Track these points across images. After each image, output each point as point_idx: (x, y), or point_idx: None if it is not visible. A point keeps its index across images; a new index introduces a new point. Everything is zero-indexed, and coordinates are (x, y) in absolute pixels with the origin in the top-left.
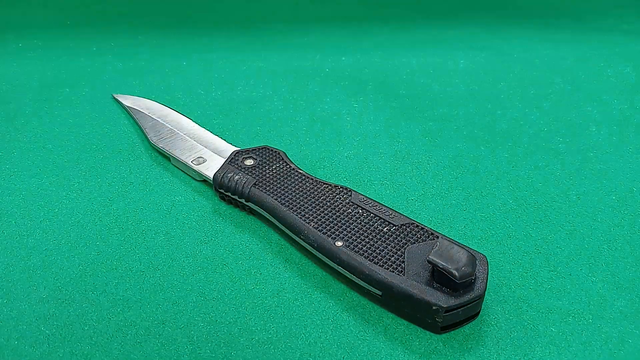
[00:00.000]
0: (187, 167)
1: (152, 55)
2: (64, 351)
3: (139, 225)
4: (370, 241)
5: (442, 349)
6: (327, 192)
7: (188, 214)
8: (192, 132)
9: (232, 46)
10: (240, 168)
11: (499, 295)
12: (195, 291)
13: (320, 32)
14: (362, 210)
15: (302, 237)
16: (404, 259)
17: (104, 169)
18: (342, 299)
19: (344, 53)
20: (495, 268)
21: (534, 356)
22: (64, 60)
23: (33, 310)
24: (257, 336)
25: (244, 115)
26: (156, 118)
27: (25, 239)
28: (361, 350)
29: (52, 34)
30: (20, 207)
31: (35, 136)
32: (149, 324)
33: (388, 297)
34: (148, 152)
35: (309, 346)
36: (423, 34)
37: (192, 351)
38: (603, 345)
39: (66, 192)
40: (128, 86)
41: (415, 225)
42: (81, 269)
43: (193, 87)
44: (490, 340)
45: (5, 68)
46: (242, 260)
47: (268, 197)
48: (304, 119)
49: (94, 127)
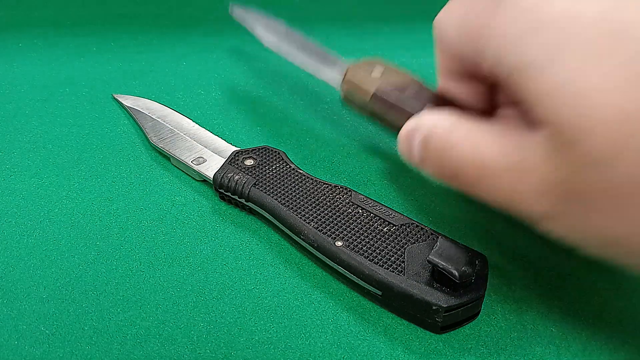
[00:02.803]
0: (187, 167)
1: (152, 55)
2: (64, 351)
3: (138, 225)
4: (370, 241)
5: (442, 349)
6: (327, 192)
7: (188, 214)
8: (192, 132)
9: (232, 46)
10: (240, 168)
11: (499, 295)
12: (195, 291)
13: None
14: (362, 210)
15: (302, 237)
16: (404, 259)
17: (104, 169)
18: (342, 299)
19: (344, 53)
20: (495, 268)
21: (534, 356)
22: (64, 60)
23: (33, 310)
24: (257, 336)
25: (244, 115)
26: (156, 118)
27: (25, 239)
28: (361, 350)
29: (52, 34)
30: (20, 207)
31: (35, 136)
32: (149, 324)
33: (388, 297)
34: (148, 152)
35: (309, 346)
36: (423, 34)
37: (192, 351)
38: (603, 345)
39: (66, 192)
40: (128, 86)
41: (415, 225)
42: (81, 269)
43: (193, 87)
44: (490, 340)
45: (5, 68)
46: (242, 260)
47: (268, 197)
48: (304, 119)
49: (94, 127)
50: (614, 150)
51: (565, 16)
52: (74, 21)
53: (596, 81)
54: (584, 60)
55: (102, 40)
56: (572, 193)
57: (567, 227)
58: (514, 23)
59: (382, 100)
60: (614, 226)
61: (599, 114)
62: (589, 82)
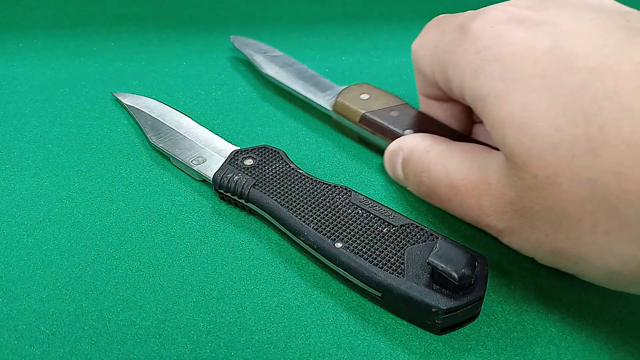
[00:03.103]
0: (187, 167)
1: (152, 55)
2: (64, 351)
3: (138, 225)
4: (370, 242)
5: (442, 349)
6: (327, 192)
7: (188, 214)
8: (192, 132)
9: (232, 46)
10: (240, 168)
11: (499, 295)
12: (195, 291)
13: (320, 32)
14: (362, 211)
15: (302, 238)
16: (403, 261)
17: (104, 169)
18: (342, 299)
19: (344, 53)
20: (495, 268)
21: (534, 356)
22: (64, 60)
23: (33, 310)
24: (257, 336)
25: (244, 115)
26: (155, 117)
27: (25, 239)
28: (361, 350)
29: (52, 34)
30: (20, 207)
31: (35, 136)
32: (149, 324)
33: (388, 298)
34: (148, 152)
35: (309, 346)
36: None
37: (192, 351)
38: (603, 345)
39: (66, 192)
40: (128, 86)
41: (415, 226)
42: (81, 269)
43: (193, 87)
44: (490, 340)
45: (5, 68)
46: (242, 260)
47: (268, 198)
48: (304, 118)
49: (94, 127)
50: (555, 173)
51: (519, 50)
52: (74, 21)
53: (541, 110)
54: (532, 91)
55: (102, 40)
56: (523, 211)
57: (522, 241)
58: (474, 55)
59: (370, 122)
60: (556, 240)
61: (542, 140)
62: (535, 111)
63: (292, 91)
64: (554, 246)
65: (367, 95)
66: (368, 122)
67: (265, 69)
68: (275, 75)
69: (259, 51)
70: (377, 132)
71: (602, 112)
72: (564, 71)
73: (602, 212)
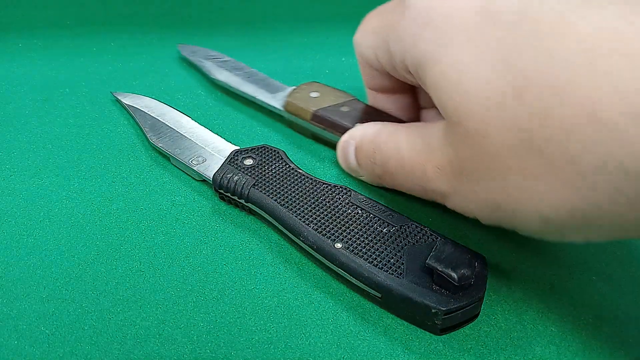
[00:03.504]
0: (187, 167)
1: (152, 55)
2: (64, 351)
3: (138, 225)
4: (370, 242)
5: (442, 349)
6: (327, 192)
7: (188, 214)
8: (192, 131)
9: (232, 46)
10: (240, 168)
11: (499, 296)
12: (195, 291)
13: (320, 32)
14: (362, 211)
15: (302, 238)
16: (403, 261)
17: (104, 169)
18: (342, 300)
19: (344, 53)
20: (495, 268)
21: (534, 356)
22: (64, 60)
23: (33, 310)
24: (257, 336)
25: (244, 115)
26: (155, 116)
27: (25, 239)
28: (361, 350)
29: (52, 34)
30: (20, 207)
31: (35, 136)
32: (149, 324)
33: (387, 299)
34: (148, 152)
35: (309, 346)
36: None
37: (192, 351)
38: (603, 345)
39: (66, 192)
40: (128, 86)
41: (414, 226)
42: (81, 269)
43: (193, 87)
44: (490, 340)
45: (5, 68)
46: (242, 260)
47: (267, 199)
48: None
49: (94, 127)
50: (485, 123)
51: (452, 12)
52: (74, 21)
53: (471, 67)
54: (462, 50)
55: (102, 40)
56: (462, 168)
57: (464, 201)
58: (412, 23)
59: (321, 118)
60: (493, 193)
61: (474, 94)
62: (466, 68)
63: (243, 94)
64: (491, 201)
65: (316, 93)
66: (319, 119)
67: (215, 74)
68: (226, 80)
69: (208, 57)
70: (329, 128)
71: (523, 59)
72: (490, 26)
73: (529, 156)
